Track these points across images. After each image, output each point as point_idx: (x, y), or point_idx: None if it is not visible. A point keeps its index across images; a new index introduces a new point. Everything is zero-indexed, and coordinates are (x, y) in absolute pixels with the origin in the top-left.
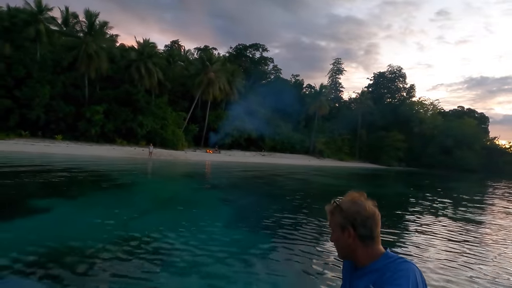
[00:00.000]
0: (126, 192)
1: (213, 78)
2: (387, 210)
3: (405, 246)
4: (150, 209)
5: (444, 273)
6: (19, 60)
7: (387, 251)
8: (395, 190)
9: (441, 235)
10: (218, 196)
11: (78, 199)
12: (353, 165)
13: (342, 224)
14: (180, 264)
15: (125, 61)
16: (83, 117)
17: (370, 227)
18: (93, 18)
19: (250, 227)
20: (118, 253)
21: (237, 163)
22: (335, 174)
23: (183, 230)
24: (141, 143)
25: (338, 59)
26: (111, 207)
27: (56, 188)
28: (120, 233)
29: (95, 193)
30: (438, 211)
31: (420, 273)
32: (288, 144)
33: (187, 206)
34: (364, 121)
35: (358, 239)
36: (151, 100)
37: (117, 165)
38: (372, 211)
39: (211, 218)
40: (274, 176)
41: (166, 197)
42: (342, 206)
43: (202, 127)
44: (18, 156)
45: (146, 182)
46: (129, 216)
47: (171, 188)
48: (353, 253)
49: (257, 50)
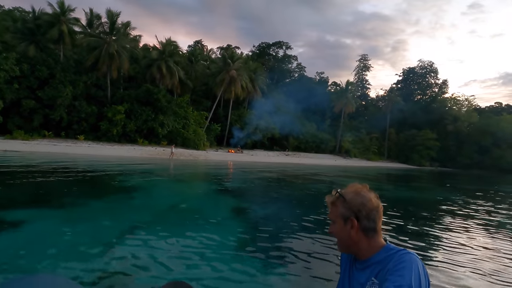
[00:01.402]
0: (125, 198)
1: (234, 76)
2: (435, 219)
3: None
4: (146, 222)
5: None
6: (43, 61)
7: (388, 243)
8: (436, 194)
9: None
10: (233, 205)
11: (64, 208)
12: (381, 165)
13: (346, 215)
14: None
15: (146, 60)
16: (105, 117)
17: (374, 220)
18: (114, 17)
19: (267, 253)
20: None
21: (259, 164)
22: (364, 176)
23: (180, 259)
24: (163, 143)
25: (365, 55)
26: (101, 218)
27: (46, 193)
28: (99, 260)
29: (88, 201)
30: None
31: (422, 264)
32: (313, 143)
33: (194, 219)
34: (393, 119)
35: (361, 231)
36: (172, 100)
37: (131, 166)
38: (376, 203)
39: (221, 237)
40: (299, 178)
41: (171, 206)
42: (345, 197)
43: (225, 126)
44: (30, 156)
45: (154, 186)
46: (118, 231)
47: (180, 194)
48: (355, 245)
49: (280, 48)
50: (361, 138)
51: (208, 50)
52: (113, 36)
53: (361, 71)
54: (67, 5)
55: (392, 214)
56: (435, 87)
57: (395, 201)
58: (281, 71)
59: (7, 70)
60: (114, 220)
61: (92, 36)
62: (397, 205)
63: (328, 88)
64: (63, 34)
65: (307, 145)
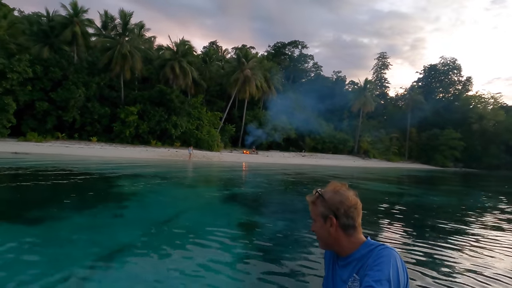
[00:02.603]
0: (116, 209)
1: (249, 75)
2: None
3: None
4: (130, 245)
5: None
6: (56, 62)
7: (368, 239)
8: (474, 199)
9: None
10: (242, 218)
11: (37, 224)
12: (402, 166)
13: (325, 213)
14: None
15: (160, 61)
16: (118, 118)
17: (352, 217)
18: (127, 17)
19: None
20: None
21: (275, 165)
22: (387, 177)
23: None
24: (176, 144)
25: (383, 53)
26: (80, 238)
27: (24, 202)
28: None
29: (71, 213)
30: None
31: (400, 258)
32: (330, 143)
33: (191, 238)
34: (414, 118)
35: (341, 228)
36: (186, 100)
37: (137, 168)
38: (354, 201)
39: (221, 265)
40: (317, 181)
41: (166, 220)
42: (324, 196)
43: (239, 127)
44: (35, 158)
45: (154, 192)
46: (95, 257)
47: (180, 203)
48: (335, 243)
49: (296, 48)
50: (381, 138)
51: (223, 50)
52: (126, 37)
53: (379, 70)
54: (80, 6)
55: (435, 225)
56: (458, 84)
57: (431, 209)
58: (297, 70)
59: (20, 72)
60: (94, 241)
61: (105, 37)
62: (435, 213)
63: (346, 87)
64: (76, 35)
65: (324, 145)
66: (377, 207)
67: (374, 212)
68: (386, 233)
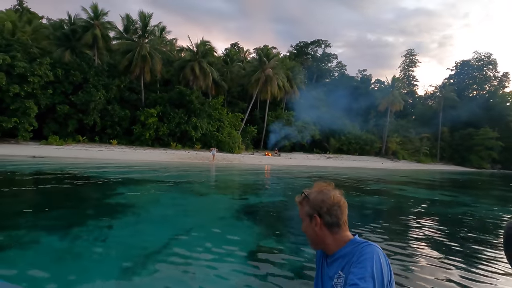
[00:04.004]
0: (102, 228)
1: (270, 74)
2: None
3: None
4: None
5: None
6: (77, 65)
7: (355, 237)
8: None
9: None
10: (259, 241)
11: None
12: (435, 168)
13: (310, 213)
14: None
15: (180, 62)
16: (138, 121)
17: (336, 215)
18: (146, 19)
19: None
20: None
21: (299, 167)
22: (423, 181)
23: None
24: (196, 146)
25: (411, 49)
26: (41, 265)
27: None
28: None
29: (41, 233)
30: None
31: (383, 254)
32: (356, 144)
33: (187, 274)
34: (446, 117)
35: (325, 227)
36: (206, 101)
37: (150, 172)
38: (337, 199)
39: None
40: (347, 187)
41: (160, 248)
42: (309, 196)
43: (261, 128)
44: (51, 161)
45: (154, 203)
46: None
47: (182, 219)
48: (321, 241)
49: (319, 47)
50: (410, 139)
51: (244, 51)
52: (145, 38)
53: (407, 67)
54: (100, 9)
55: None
56: (494, 80)
57: (496, 226)
58: (320, 70)
59: (41, 75)
60: (57, 278)
61: (125, 39)
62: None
63: (371, 87)
64: (96, 38)
65: (349, 146)
66: (426, 222)
67: (423, 231)
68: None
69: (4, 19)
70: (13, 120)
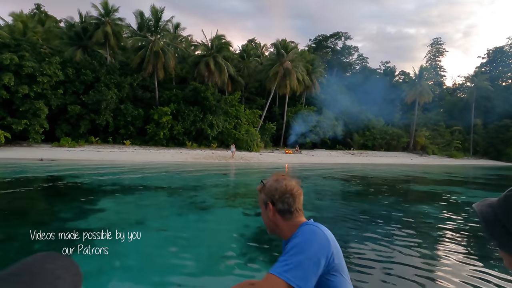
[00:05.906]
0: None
1: (289, 67)
2: None
3: None
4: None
5: None
6: (88, 64)
7: (308, 221)
8: None
9: None
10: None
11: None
12: (469, 163)
13: (265, 200)
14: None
15: (193, 58)
16: (152, 120)
17: (288, 202)
18: (158, 14)
19: None
20: None
21: (322, 165)
22: (472, 179)
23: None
24: (212, 145)
25: (437, 38)
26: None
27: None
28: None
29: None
30: None
31: (322, 231)
32: (382, 140)
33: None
34: (478, 108)
35: (278, 213)
36: (222, 98)
37: (153, 175)
38: (290, 187)
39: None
40: (377, 186)
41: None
42: (265, 185)
43: (281, 125)
44: (57, 164)
45: (139, 226)
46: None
47: (179, 240)
48: (275, 227)
49: (339, 39)
50: (440, 133)
51: (261, 46)
52: (158, 34)
53: (433, 57)
54: (111, 6)
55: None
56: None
57: None
58: (341, 64)
59: (50, 75)
60: None
61: (138, 35)
62: None
63: (396, 79)
64: (108, 36)
65: (375, 142)
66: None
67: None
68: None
69: (15, 19)
70: (23, 122)
